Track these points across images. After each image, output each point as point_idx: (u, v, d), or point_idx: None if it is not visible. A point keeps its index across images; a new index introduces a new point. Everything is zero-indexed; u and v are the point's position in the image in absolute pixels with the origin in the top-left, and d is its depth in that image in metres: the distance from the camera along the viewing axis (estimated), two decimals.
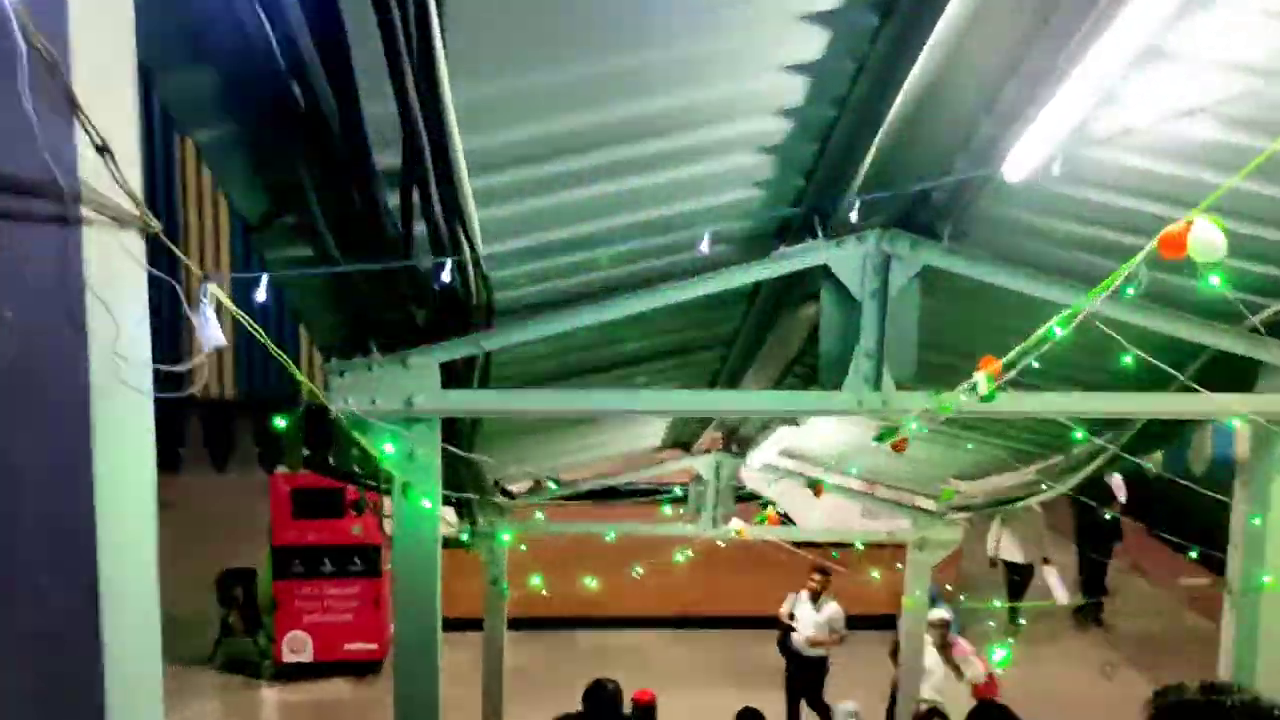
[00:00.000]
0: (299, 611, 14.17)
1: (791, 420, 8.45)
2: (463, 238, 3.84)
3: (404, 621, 5.22)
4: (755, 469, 10.22)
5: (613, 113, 3.82)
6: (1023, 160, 4.24)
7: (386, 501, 8.48)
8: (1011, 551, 14.87)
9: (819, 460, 10.36)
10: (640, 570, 10.69)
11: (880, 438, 5.76)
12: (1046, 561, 14.73)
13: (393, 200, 3.81)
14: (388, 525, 8.29)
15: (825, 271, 5.09)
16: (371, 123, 3.35)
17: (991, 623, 13.95)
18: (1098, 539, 15.94)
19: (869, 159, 4.37)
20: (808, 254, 5.02)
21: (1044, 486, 8.38)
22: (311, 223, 3.64)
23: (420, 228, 4.00)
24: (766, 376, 7.35)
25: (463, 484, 7.26)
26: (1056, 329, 3.89)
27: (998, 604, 13.59)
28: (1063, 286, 4.96)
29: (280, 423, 6.62)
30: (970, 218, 5.02)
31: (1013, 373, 4.45)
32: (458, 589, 12.35)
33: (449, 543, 12.23)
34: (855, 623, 13.62)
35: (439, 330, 4.81)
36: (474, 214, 3.75)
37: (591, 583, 10.18)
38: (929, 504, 10.83)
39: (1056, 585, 14.31)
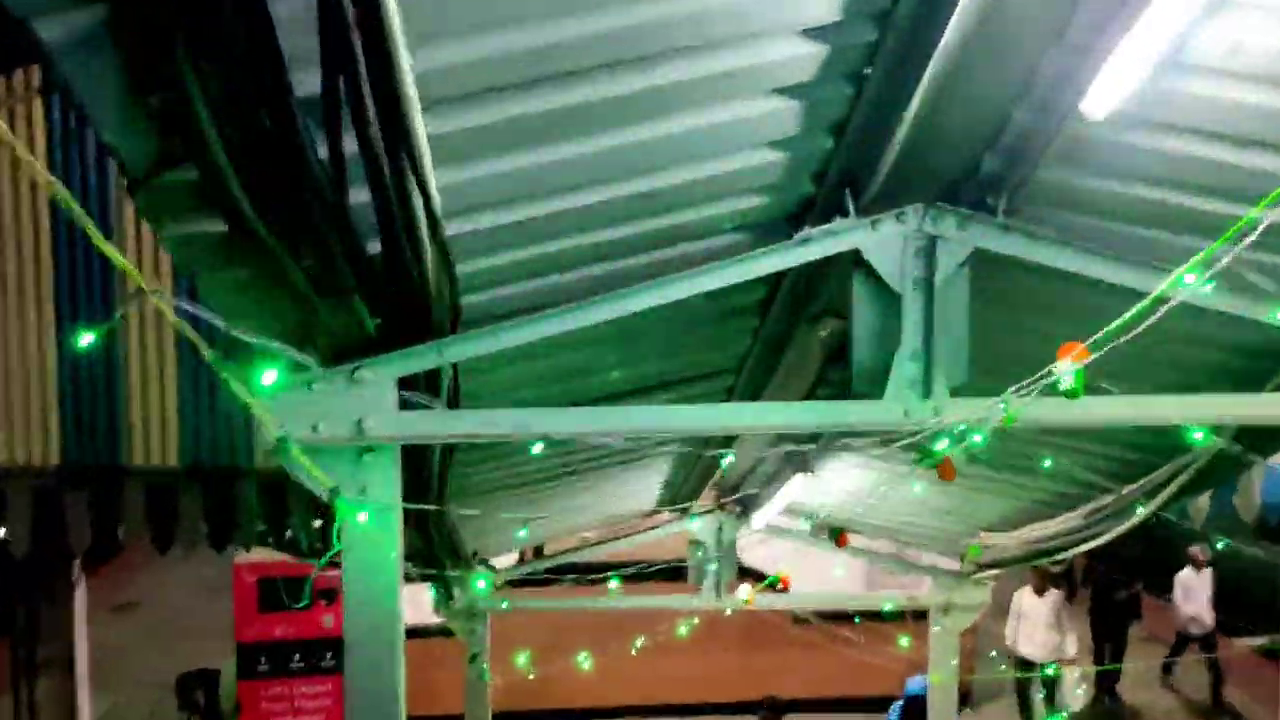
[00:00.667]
0: (266, 714, 13.17)
1: (804, 466, 7.57)
2: (412, 183, 2.98)
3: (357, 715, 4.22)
4: (760, 529, 9.28)
5: (599, 21, 3.00)
6: (1107, 91, 3.44)
7: None
8: (1030, 646, 13.07)
9: (830, 518, 9.43)
10: (640, 644, 9.63)
11: (921, 459, 4.86)
12: (1071, 662, 13.08)
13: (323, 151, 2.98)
14: None
15: (857, 259, 4.25)
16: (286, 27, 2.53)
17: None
18: (1114, 617, 14.86)
19: (916, 103, 3.56)
20: (836, 237, 4.18)
21: (1088, 533, 7.48)
22: (213, 169, 2.77)
23: (362, 197, 3.16)
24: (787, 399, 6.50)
25: (434, 548, 6.31)
26: (1187, 277, 3.03)
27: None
28: (1145, 269, 4.10)
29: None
30: (1026, 190, 4.20)
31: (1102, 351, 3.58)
32: (438, 681, 11.44)
33: (428, 631, 11.33)
34: (865, 705, 12.56)
35: (393, 338, 3.92)
36: (425, 148, 2.89)
37: (585, 664, 9.14)
38: (949, 562, 9.91)
39: (1069, 691, 12.91)
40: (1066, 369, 3.74)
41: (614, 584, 8.71)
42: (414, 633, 11.68)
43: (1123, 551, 14.65)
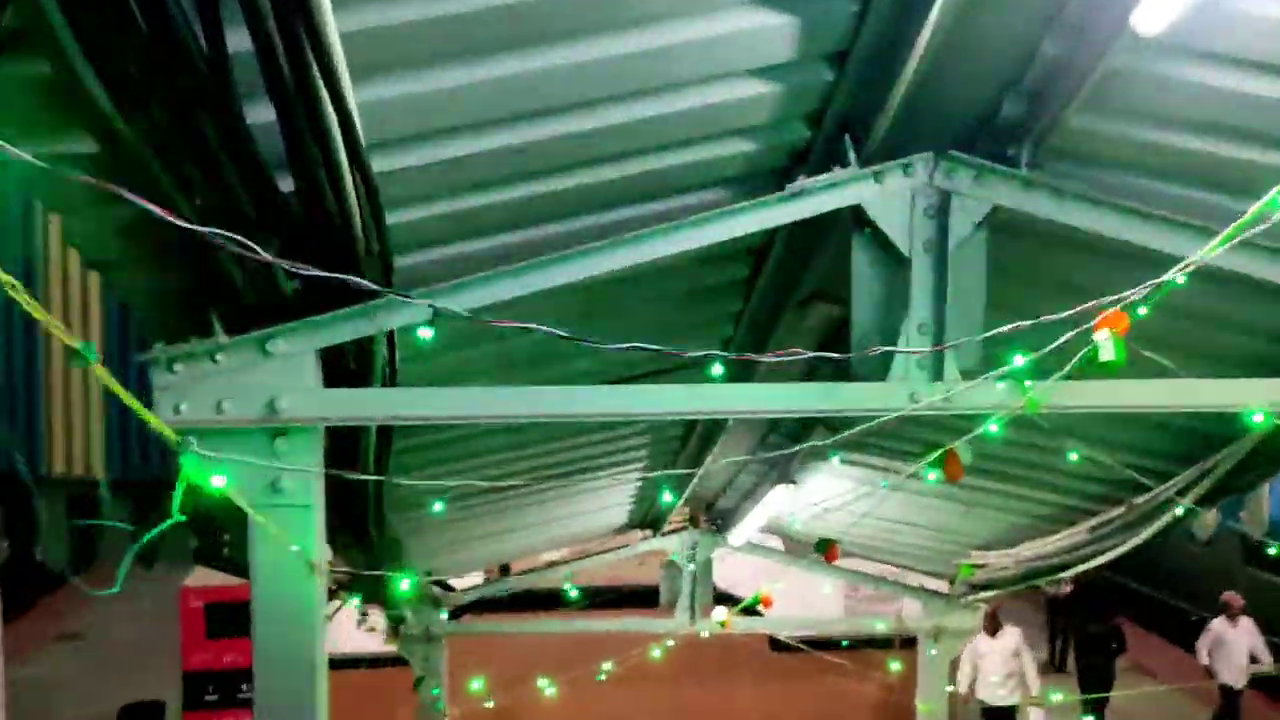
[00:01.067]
0: None
1: (787, 476, 6.98)
2: (319, 80, 2.37)
3: None
4: (738, 546, 8.66)
5: None
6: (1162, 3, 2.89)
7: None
8: (989, 690, 11.46)
9: (811, 533, 8.82)
10: (609, 674, 8.96)
11: (925, 456, 4.28)
12: (1036, 704, 11.62)
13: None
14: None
15: (858, 217, 3.68)
16: None
17: None
18: (1099, 649, 14.02)
19: (930, 25, 3.00)
20: (834, 190, 3.60)
21: (1092, 549, 6.91)
22: (57, 50, 2.17)
23: (265, 114, 2.57)
24: None
25: (375, 559, 5.65)
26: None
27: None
28: (1194, 235, 3.52)
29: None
30: (1052, 140, 3.65)
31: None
32: (397, 716, 10.70)
33: (381, 661, 10.61)
34: None
35: (314, 303, 3.31)
36: (332, 29, 2.29)
37: (551, 692, 8.47)
38: (938, 584, 9.32)
39: None
40: (1106, 340, 3.19)
41: (572, 590, 8.02)
42: (371, 662, 11.00)
43: (1102, 581, 14.06)
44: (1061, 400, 3.62)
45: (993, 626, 11.01)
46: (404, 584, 4.27)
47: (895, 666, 8.95)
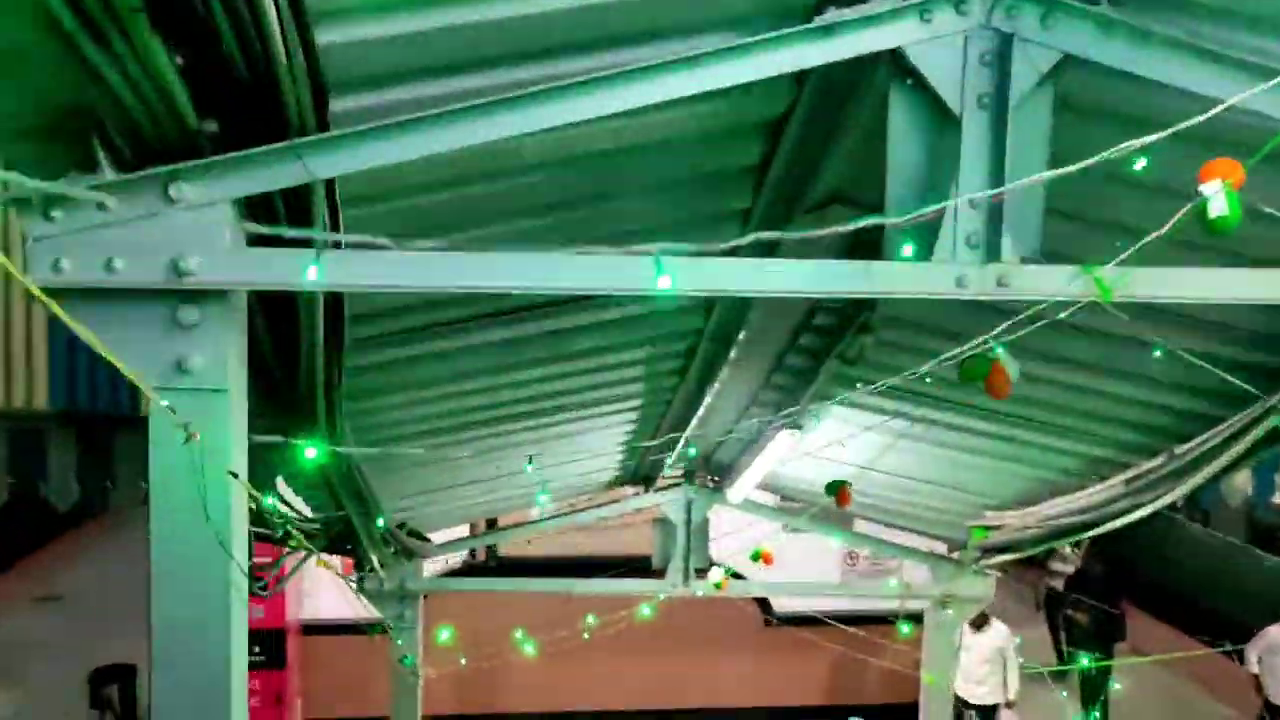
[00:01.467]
0: None
1: (793, 422, 6.35)
2: None
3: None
4: (736, 503, 8.05)
5: None
6: None
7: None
8: (970, 687, 10.72)
9: (803, 489, 8.21)
10: (593, 643, 8.36)
11: (968, 371, 3.64)
12: (1009, 705, 10.88)
13: None
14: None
15: (898, 63, 3.05)
16: None
17: None
18: (1093, 640, 13.18)
19: None
20: (871, 27, 2.96)
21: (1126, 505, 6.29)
22: None
23: None
24: (772, 336, 5.35)
25: (332, 488, 5.03)
26: None
27: None
28: None
29: None
30: None
31: None
32: (375, 681, 10.15)
33: (355, 628, 10.00)
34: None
35: (231, 140, 2.67)
36: None
37: (531, 654, 7.86)
38: (943, 549, 8.72)
39: None
40: (1219, 193, 2.57)
41: (544, 495, 7.41)
42: (352, 628, 10.39)
43: (1095, 569, 13.37)
44: (1143, 288, 2.99)
45: (978, 620, 10.28)
46: (310, 452, 3.60)
47: (905, 630, 8.29)
